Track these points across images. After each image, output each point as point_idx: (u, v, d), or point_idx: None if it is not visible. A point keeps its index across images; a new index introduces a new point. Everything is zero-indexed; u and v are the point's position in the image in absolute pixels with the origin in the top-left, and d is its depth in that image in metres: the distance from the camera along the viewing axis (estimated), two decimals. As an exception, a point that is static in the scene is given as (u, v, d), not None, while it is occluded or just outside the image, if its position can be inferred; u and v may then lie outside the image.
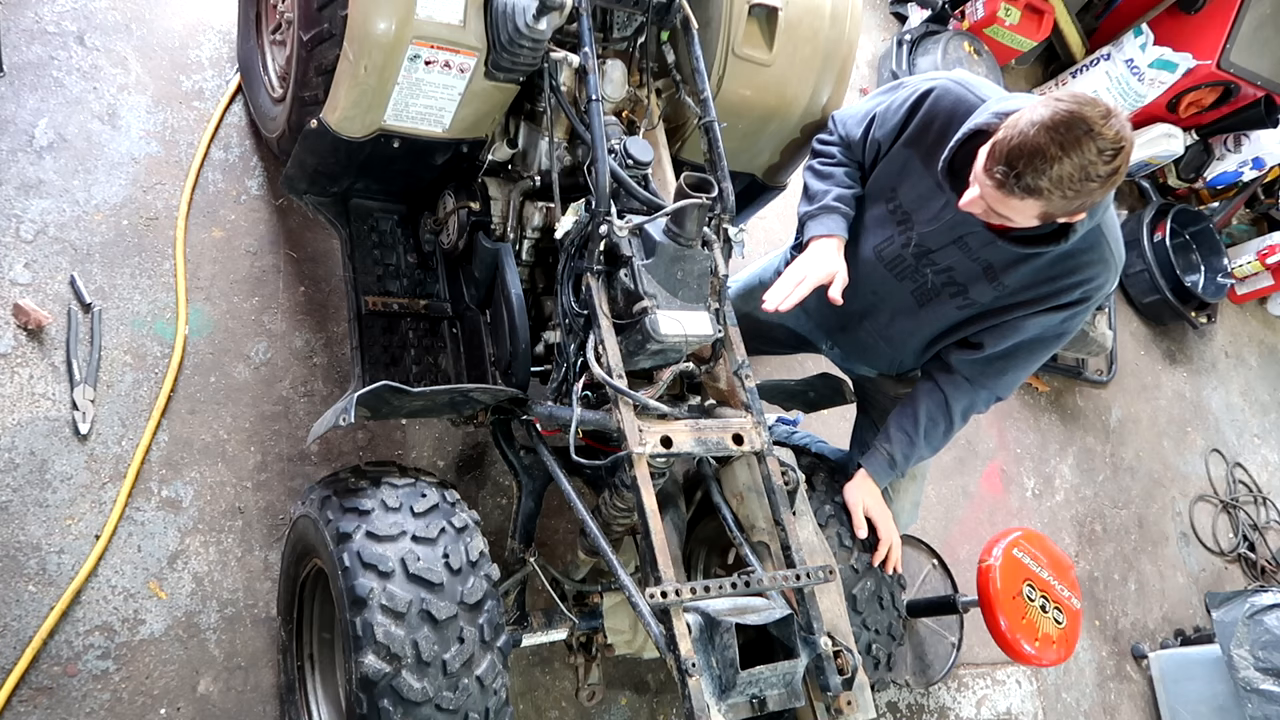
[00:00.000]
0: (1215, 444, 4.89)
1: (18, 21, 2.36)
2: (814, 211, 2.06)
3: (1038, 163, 1.53)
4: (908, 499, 2.54)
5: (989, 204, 1.69)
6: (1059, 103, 1.54)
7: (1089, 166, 1.52)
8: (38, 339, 2.13)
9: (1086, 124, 1.51)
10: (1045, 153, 1.52)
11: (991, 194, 1.65)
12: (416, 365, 2.29)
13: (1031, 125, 1.54)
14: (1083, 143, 1.51)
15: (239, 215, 2.49)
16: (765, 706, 1.60)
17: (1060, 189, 1.55)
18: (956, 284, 2.00)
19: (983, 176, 1.65)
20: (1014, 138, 1.56)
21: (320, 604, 2.01)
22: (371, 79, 1.85)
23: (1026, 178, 1.56)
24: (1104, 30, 4.85)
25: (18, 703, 1.86)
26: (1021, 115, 1.58)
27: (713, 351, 1.91)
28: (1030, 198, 1.58)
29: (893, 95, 2.02)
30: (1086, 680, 3.66)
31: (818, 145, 2.17)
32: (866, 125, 2.06)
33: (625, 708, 2.55)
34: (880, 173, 2.05)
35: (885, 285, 2.11)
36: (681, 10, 2.06)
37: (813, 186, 2.11)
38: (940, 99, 1.90)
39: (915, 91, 1.94)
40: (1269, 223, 5.70)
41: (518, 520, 2.09)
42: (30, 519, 1.99)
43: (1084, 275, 1.88)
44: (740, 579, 1.66)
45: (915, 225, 2.00)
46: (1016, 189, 1.58)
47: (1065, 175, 1.53)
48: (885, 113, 2.01)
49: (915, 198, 1.98)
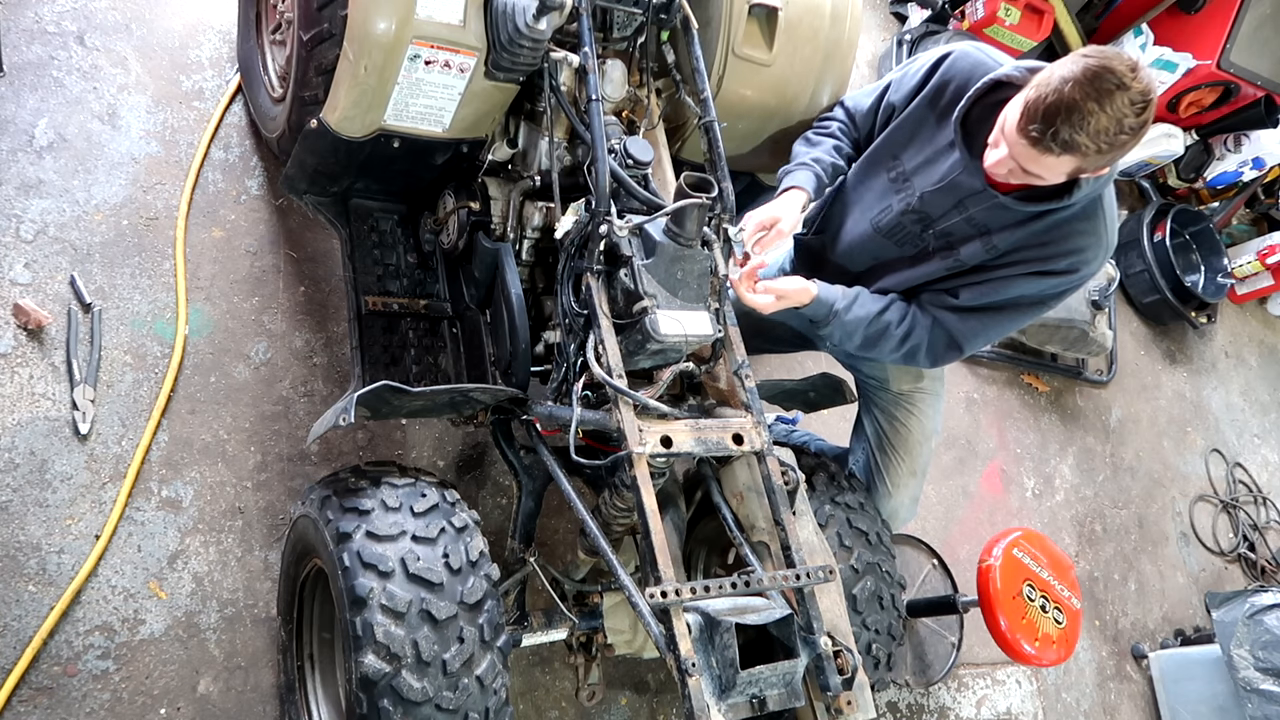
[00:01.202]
0: (1215, 444, 4.88)
1: (18, 21, 2.36)
2: (791, 168, 2.12)
3: (1075, 118, 1.56)
4: (906, 495, 2.54)
5: (1019, 163, 1.71)
6: (1087, 58, 1.57)
7: (1123, 119, 1.56)
8: (38, 339, 2.13)
9: (1117, 77, 1.54)
10: (1082, 107, 1.55)
11: (1025, 152, 1.67)
12: (416, 365, 2.29)
13: (1065, 81, 1.57)
14: (1115, 95, 1.54)
15: (239, 215, 2.49)
16: (765, 706, 1.61)
17: (1096, 142, 1.58)
18: (951, 245, 2.03)
19: (1015, 136, 1.67)
20: (1049, 95, 1.59)
21: (320, 604, 2.01)
22: (371, 79, 1.85)
23: (1064, 133, 1.59)
24: (1104, 30, 4.84)
25: (18, 703, 1.86)
26: (1053, 72, 1.61)
27: (713, 351, 1.91)
28: (1067, 153, 1.62)
29: (908, 65, 2.06)
30: (1086, 680, 3.66)
31: (816, 123, 2.24)
32: (880, 92, 2.10)
33: (625, 708, 2.55)
34: (888, 137, 2.07)
35: (886, 251, 2.15)
36: (681, 10, 2.07)
37: (797, 150, 2.18)
38: (958, 61, 1.94)
39: (934, 55, 1.99)
40: (1269, 223, 5.70)
41: (518, 520, 2.09)
42: (30, 519, 1.99)
43: (1076, 244, 1.90)
44: (740, 579, 1.66)
45: (915, 189, 2.02)
46: (1055, 145, 1.61)
47: (1102, 128, 1.56)
48: (902, 78, 2.05)
49: (920, 160, 2.01)
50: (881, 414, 2.47)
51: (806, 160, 2.11)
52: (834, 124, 2.20)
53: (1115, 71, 1.54)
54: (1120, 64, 1.55)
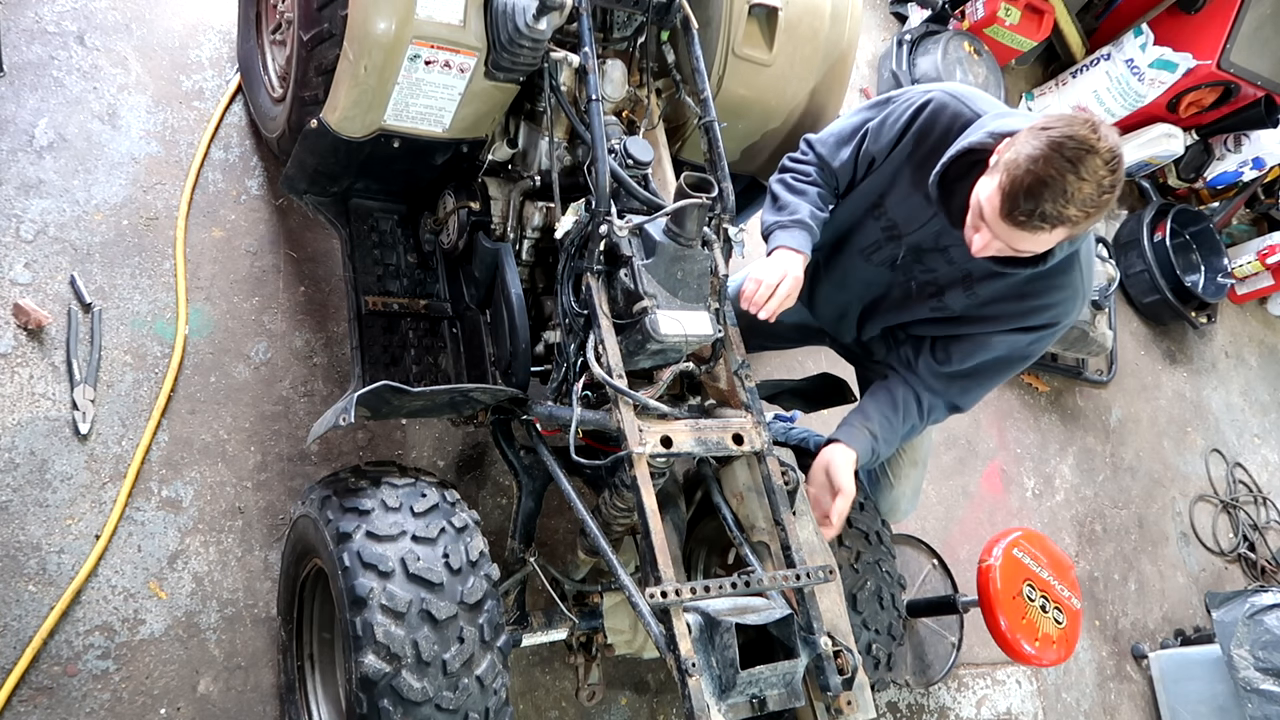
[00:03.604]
0: (1215, 444, 4.89)
1: (18, 21, 2.36)
2: (785, 223, 2.03)
3: (1057, 193, 1.55)
4: (908, 485, 2.54)
5: (1010, 244, 1.69)
6: (1049, 131, 1.56)
7: (1101, 181, 1.54)
8: (38, 339, 2.13)
9: (1083, 142, 1.53)
10: (1062, 181, 1.54)
11: (1014, 234, 1.65)
12: (416, 365, 2.29)
13: (1033, 160, 1.56)
14: (1087, 160, 1.53)
15: (239, 215, 2.49)
16: (765, 706, 1.61)
17: (1084, 210, 1.57)
18: (937, 285, 2.02)
19: (1000, 222, 1.64)
20: (1024, 177, 1.57)
21: (320, 604, 2.01)
22: (371, 79, 1.85)
23: (1051, 210, 1.57)
24: (1104, 30, 4.85)
25: (18, 703, 1.86)
26: (1018, 154, 1.58)
27: (713, 351, 1.91)
28: (1060, 226, 1.60)
29: (885, 109, 1.99)
30: (1086, 680, 3.66)
31: (789, 162, 2.14)
32: (858, 141, 2.03)
33: (625, 708, 2.55)
34: (868, 185, 2.04)
35: (879, 278, 2.13)
36: (681, 10, 2.06)
37: (784, 198, 2.07)
38: (937, 113, 1.89)
39: (912, 104, 1.93)
40: (1269, 223, 5.70)
41: (518, 520, 2.09)
42: (30, 519, 1.99)
43: (1053, 299, 1.91)
44: (740, 579, 1.66)
45: (901, 233, 2.01)
46: (1044, 224, 1.60)
47: (1086, 196, 1.55)
48: (880, 126, 1.98)
49: (904, 210, 1.98)
50: None
51: (802, 218, 2.02)
52: (813, 170, 2.10)
53: (1079, 137, 1.53)
54: (1082, 128, 1.53)
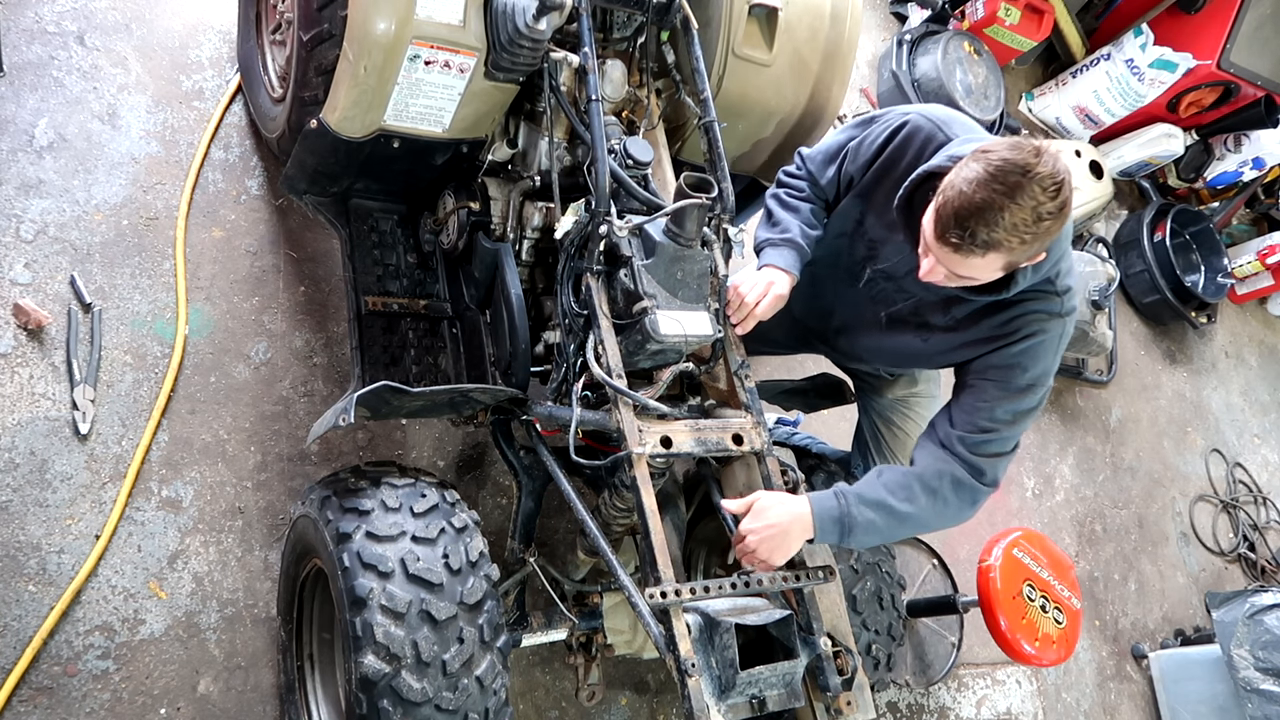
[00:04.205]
0: (1215, 444, 4.88)
1: (18, 21, 2.36)
2: (776, 241, 2.01)
3: (988, 216, 1.51)
4: None
5: (949, 269, 1.66)
6: (988, 154, 1.53)
7: (1039, 206, 1.50)
8: (38, 339, 2.13)
9: (1022, 168, 1.49)
10: (992, 204, 1.50)
11: (950, 258, 1.62)
12: (416, 365, 2.29)
13: (968, 183, 1.53)
14: (1025, 186, 1.49)
15: (239, 215, 2.49)
16: (765, 707, 1.61)
17: (1018, 234, 1.53)
18: (918, 310, 1.97)
19: (936, 245, 1.62)
20: (955, 199, 1.54)
21: (320, 604, 2.02)
22: (371, 79, 1.85)
23: (981, 234, 1.53)
24: (1104, 30, 4.85)
25: (18, 703, 1.86)
26: (956, 176, 1.56)
27: (712, 351, 1.91)
28: (992, 251, 1.56)
29: (866, 129, 1.98)
30: (1086, 680, 3.66)
31: (784, 177, 2.12)
32: (840, 161, 2.01)
33: (625, 708, 2.55)
34: (849, 204, 2.01)
35: (861, 305, 2.08)
36: (681, 10, 2.06)
37: (777, 214, 2.06)
38: (911, 135, 1.86)
39: (889, 126, 1.91)
40: (1269, 223, 5.70)
41: (518, 520, 2.09)
42: (30, 519, 1.99)
43: (1024, 309, 1.81)
44: (740, 579, 1.66)
45: (881, 256, 1.97)
46: (975, 247, 1.56)
47: (1019, 221, 1.51)
48: (859, 147, 1.96)
49: (881, 231, 1.96)
50: (879, 419, 2.46)
51: (793, 237, 2.00)
52: (805, 185, 2.07)
53: (1016, 163, 1.49)
54: (1021, 155, 1.50)
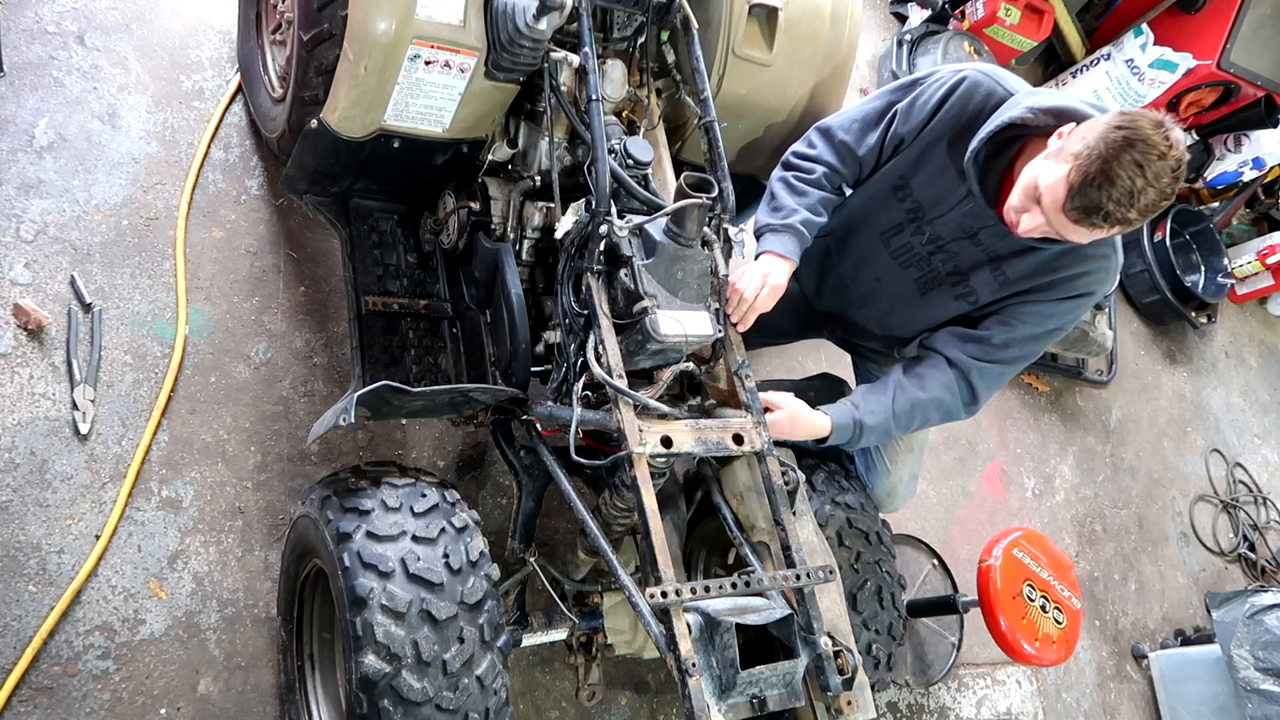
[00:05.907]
0: (1215, 444, 4.89)
1: (18, 21, 2.36)
2: (776, 226, 2.01)
3: (1124, 196, 1.57)
4: (904, 471, 2.52)
5: (1059, 232, 1.70)
6: (1123, 130, 1.56)
7: (1165, 188, 1.58)
8: (38, 339, 2.13)
9: (1155, 148, 1.55)
10: (1131, 186, 1.56)
11: (1069, 227, 1.67)
12: (416, 365, 2.29)
13: (1105, 161, 1.56)
14: (1156, 165, 1.55)
15: (239, 215, 2.49)
16: (765, 706, 1.61)
17: (1144, 215, 1.60)
18: (960, 271, 2.00)
19: (1059, 214, 1.65)
20: (1095, 177, 1.57)
21: (320, 604, 2.01)
22: (371, 79, 1.85)
23: (1116, 213, 1.59)
24: (1104, 30, 4.85)
25: (18, 703, 1.86)
26: (1090, 150, 1.58)
27: (713, 351, 1.91)
28: (1117, 226, 1.63)
29: (914, 90, 1.99)
30: (1086, 680, 3.66)
31: (793, 158, 2.12)
32: (886, 124, 2.01)
33: (625, 708, 2.55)
34: (895, 165, 2.03)
35: (889, 272, 2.12)
36: (681, 10, 2.06)
37: (781, 198, 2.06)
38: (971, 90, 1.90)
39: (944, 83, 1.93)
40: (1269, 223, 5.70)
41: (518, 520, 2.09)
42: (30, 519, 1.99)
43: (1086, 268, 1.90)
44: (740, 579, 1.66)
45: (926, 215, 2.00)
46: (1104, 224, 1.62)
47: (1149, 203, 1.58)
48: (910, 107, 1.98)
49: (932, 191, 1.98)
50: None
51: (794, 223, 2.00)
52: (819, 169, 2.06)
53: (1152, 143, 1.54)
54: (1156, 133, 1.55)
